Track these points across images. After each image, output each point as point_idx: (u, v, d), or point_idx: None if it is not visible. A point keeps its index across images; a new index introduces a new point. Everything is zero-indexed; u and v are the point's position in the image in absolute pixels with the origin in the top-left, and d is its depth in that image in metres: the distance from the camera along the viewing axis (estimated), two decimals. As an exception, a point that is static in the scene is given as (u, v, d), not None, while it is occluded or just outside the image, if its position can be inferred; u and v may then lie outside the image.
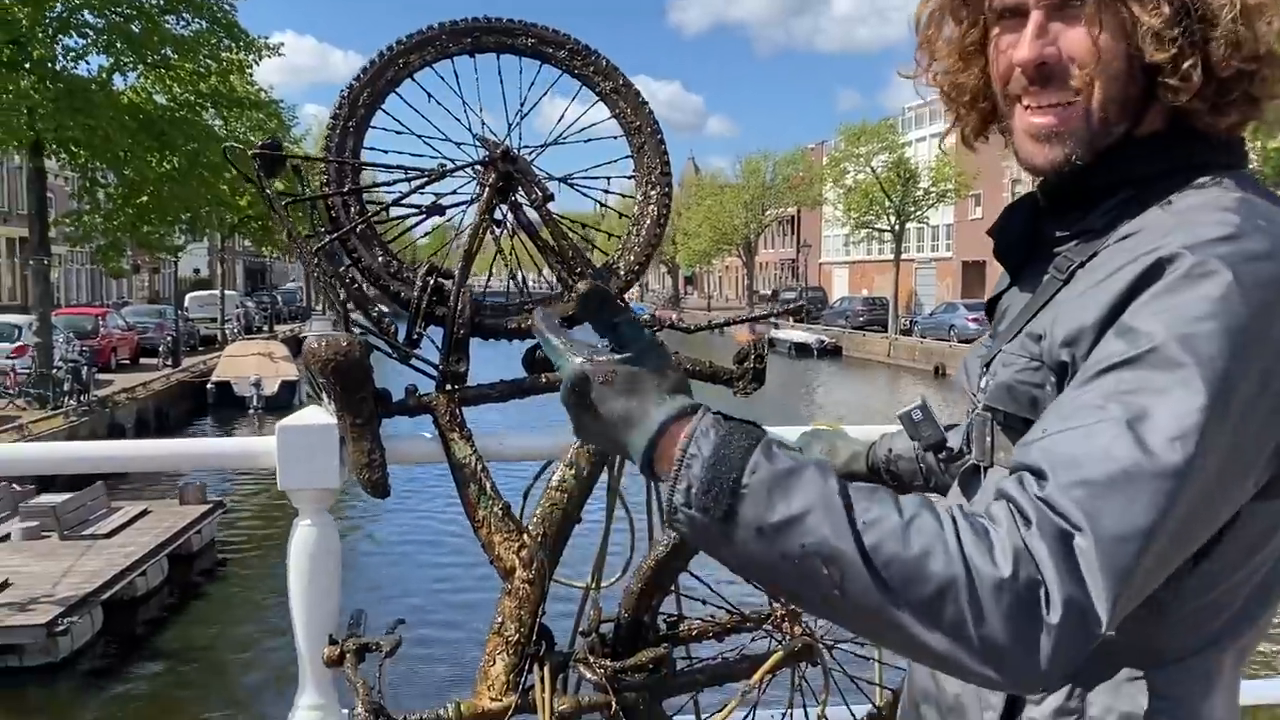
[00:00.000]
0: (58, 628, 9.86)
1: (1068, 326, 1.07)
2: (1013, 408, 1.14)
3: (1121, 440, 0.93)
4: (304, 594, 2.03)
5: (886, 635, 0.94)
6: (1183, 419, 0.93)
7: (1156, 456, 0.92)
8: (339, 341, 1.90)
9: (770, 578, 0.97)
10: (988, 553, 0.90)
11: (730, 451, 0.95)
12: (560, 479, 2.04)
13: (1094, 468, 0.93)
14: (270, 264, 75.48)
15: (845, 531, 0.91)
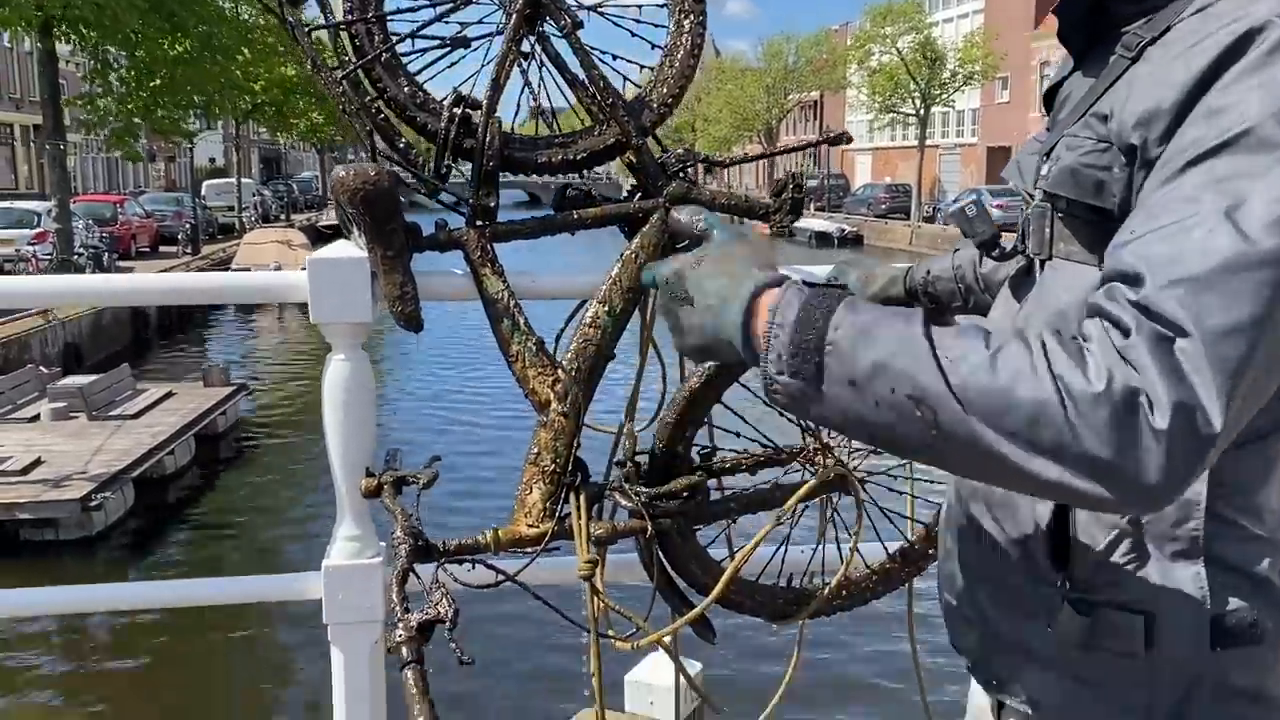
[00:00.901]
0: (91, 503, 10.10)
1: (1142, 104, 1.01)
2: (1076, 193, 1.09)
3: (1220, 231, 0.88)
4: (339, 428, 2.04)
5: (991, 469, 0.91)
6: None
7: (1259, 244, 0.87)
8: (367, 171, 1.87)
9: (870, 430, 0.96)
10: (1080, 370, 0.87)
11: (813, 314, 0.96)
12: (594, 315, 2.03)
13: (1193, 263, 0.88)
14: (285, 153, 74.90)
15: (932, 370, 0.90)
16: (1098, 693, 1.10)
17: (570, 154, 2.11)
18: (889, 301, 1.81)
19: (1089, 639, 1.10)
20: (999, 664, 1.21)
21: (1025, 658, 1.17)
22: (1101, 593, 1.10)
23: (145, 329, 21.79)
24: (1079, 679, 1.12)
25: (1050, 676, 1.14)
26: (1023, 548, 1.15)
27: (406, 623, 1.50)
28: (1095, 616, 1.09)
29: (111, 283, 1.96)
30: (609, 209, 2.09)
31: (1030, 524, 1.14)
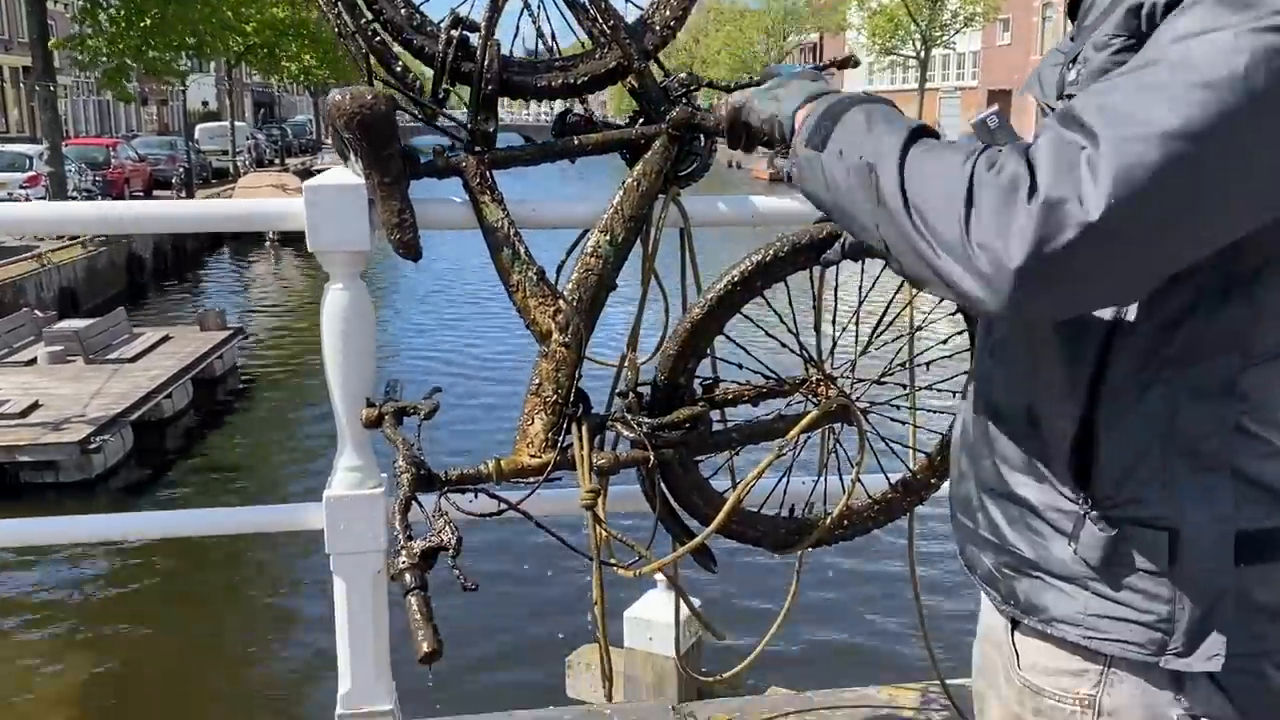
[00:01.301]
0: (90, 445, 10.13)
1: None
2: None
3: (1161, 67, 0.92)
4: (339, 357, 2.02)
5: (904, 251, 1.03)
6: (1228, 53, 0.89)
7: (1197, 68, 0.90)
8: (364, 94, 1.82)
9: (837, 200, 1.12)
10: (992, 165, 0.95)
11: (837, 105, 1.18)
12: (595, 244, 2.00)
13: (1125, 86, 0.93)
14: (279, 96, 74.03)
15: (895, 147, 1.04)
16: (1120, 610, 1.09)
17: (571, 78, 2.06)
18: None
19: (1112, 556, 1.08)
20: (1017, 584, 1.19)
21: (1045, 577, 1.15)
22: (1125, 509, 1.08)
23: (140, 273, 21.68)
24: (1101, 596, 1.10)
25: (1071, 595, 1.12)
26: (1045, 466, 1.13)
27: (409, 550, 1.49)
28: (1118, 534, 1.08)
29: (107, 210, 1.93)
30: (610, 135, 2.06)
31: (1053, 442, 1.12)
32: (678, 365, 1.95)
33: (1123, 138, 0.89)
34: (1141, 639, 1.08)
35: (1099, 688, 1.11)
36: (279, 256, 25.74)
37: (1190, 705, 1.07)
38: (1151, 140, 0.88)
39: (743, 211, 2.21)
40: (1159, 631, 1.07)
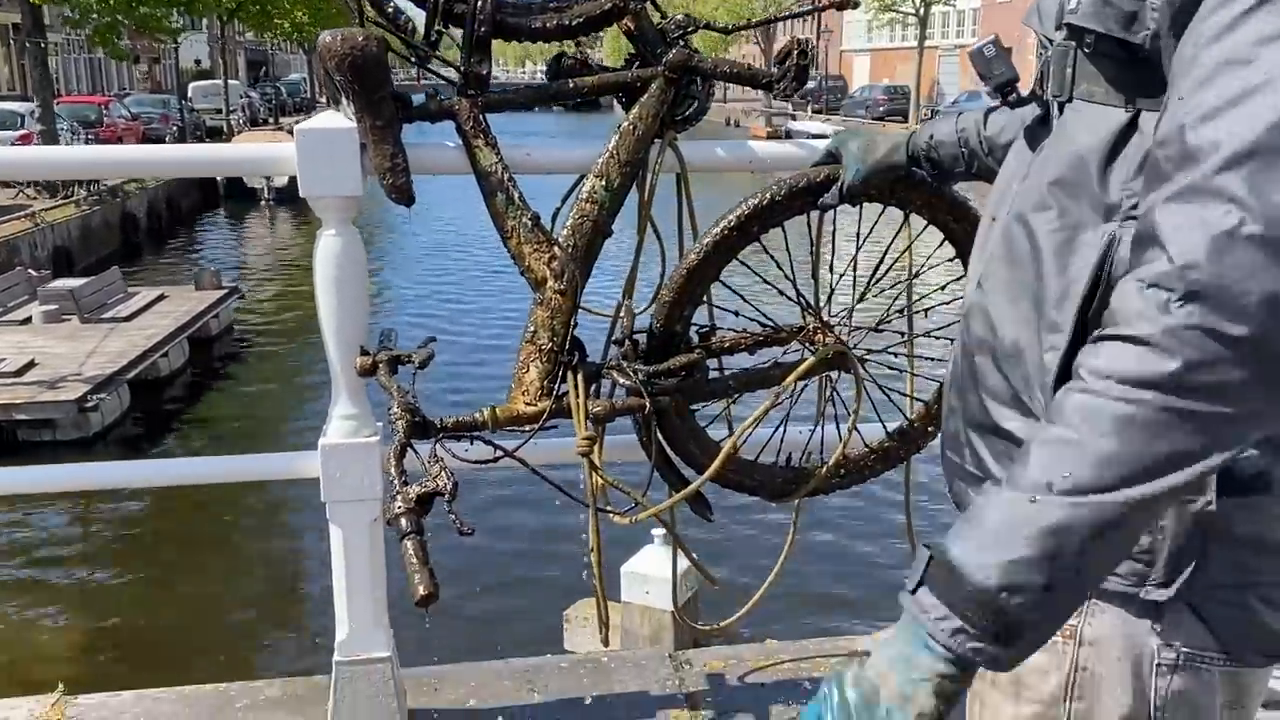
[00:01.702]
0: (88, 404, 10.11)
1: None
2: (1104, 25, 1.03)
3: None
4: (333, 305, 2.00)
5: (1175, 482, 0.87)
6: None
7: None
8: (355, 36, 1.79)
9: (1079, 582, 0.91)
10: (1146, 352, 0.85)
11: (955, 592, 0.91)
12: (590, 189, 1.97)
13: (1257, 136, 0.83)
14: (272, 55, 73.25)
15: (1053, 510, 0.87)
16: None
17: (566, 20, 2.02)
18: (891, 169, 1.76)
19: None
20: None
21: None
22: None
23: (135, 233, 21.55)
24: None
25: None
26: (1029, 399, 1.12)
27: (405, 495, 1.49)
28: None
29: (98, 154, 1.90)
30: (606, 78, 2.03)
31: (1037, 372, 1.10)
32: (674, 312, 1.93)
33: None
34: (1122, 570, 1.07)
35: (1081, 618, 1.11)
36: (274, 216, 25.60)
37: (1169, 635, 1.07)
38: None
39: (741, 156, 2.18)
40: (1140, 563, 1.07)
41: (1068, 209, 1.07)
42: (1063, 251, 1.07)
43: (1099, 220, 1.04)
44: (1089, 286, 1.04)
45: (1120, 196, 1.03)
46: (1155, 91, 1.00)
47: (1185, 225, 0.85)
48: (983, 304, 1.19)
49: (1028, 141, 1.22)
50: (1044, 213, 1.10)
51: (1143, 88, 1.02)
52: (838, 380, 2.06)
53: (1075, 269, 1.05)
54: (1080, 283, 1.05)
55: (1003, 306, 1.15)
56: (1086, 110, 1.08)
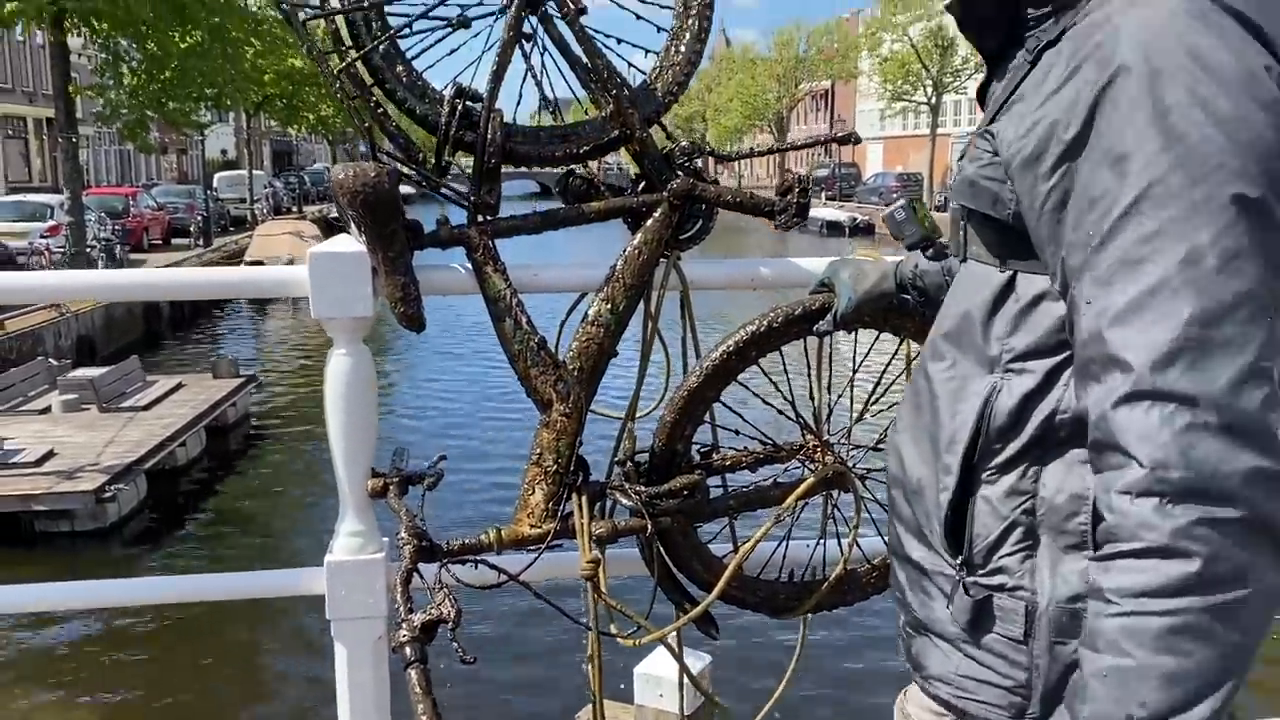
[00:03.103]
0: (105, 494, 10.16)
1: (1024, 126, 1.05)
2: (973, 203, 1.14)
3: (1181, 294, 0.91)
4: (342, 424, 2.04)
5: (1243, 672, 0.91)
6: (1227, 241, 0.90)
7: (1219, 294, 0.90)
8: (367, 172, 1.85)
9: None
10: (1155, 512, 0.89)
11: None
12: (596, 313, 2.02)
13: (1174, 335, 0.91)
14: (297, 144, 74.94)
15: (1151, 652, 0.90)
16: (985, 673, 1.16)
17: (573, 147, 2.10)
18: (882, 297, 1.81)
19: (978, 621, 1.15)
20: (913, 643, 1.27)
21: (931, 636, 1.22)
22: (991, 578, 1.14)
23: (158, 321, 21.86)
24: (970, 658, 1.17)
25: (946, 654, 1.20)
26: (929, 530, 1.20)
27: (410, 623, 1.51)
28: (985, 600, 1.14)
29: (116, 278, 1.96)
30: (613, 203, 2.08)
31: (935, 509, 1.18)
32: (675, 432, 1.96)
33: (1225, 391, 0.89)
34: (1003, 702, 1.14)
35: None
36: (296, 304, 25.90)
37: None
38: (1251, 379, 0.89)
39: (743, 275, 2.23)
40: (1019, 696, 1.13)
41: (958, 360, 1.17)
42: (954, 399, 1.17)
43: (984, 372, 1.14)
44: (972, 432, 1.13)
45: (999, 350, 1.12)
46: (1026, 255, 1.10)
47: (1145, 430, 0.90)
48: (896, 443, 1.30)
49: None
50: (939, 362, 1.20)
51: (1015, 252, 1.12)
52: (838, 497, 2.08)
53: (962, 416, 1.15)
54: (966, 429, 1.14)
55: (909, 447, 1.25)
56: (975, 270, 1.19)
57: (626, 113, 2.05)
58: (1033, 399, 1.09)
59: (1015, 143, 1.05)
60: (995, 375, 1.12)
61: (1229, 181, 0.90)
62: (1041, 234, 1.04)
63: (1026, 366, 1.10)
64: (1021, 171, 1.05)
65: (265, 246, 28.16)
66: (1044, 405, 1.09)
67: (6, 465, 10.42)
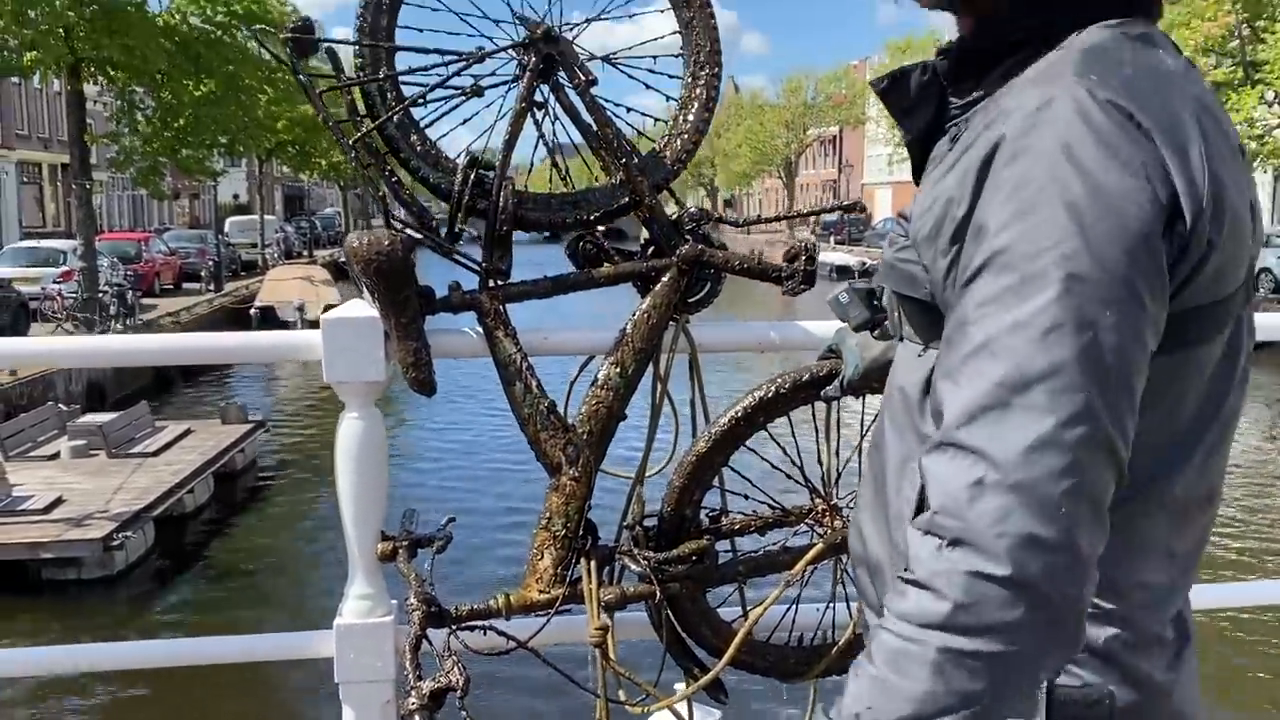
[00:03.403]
0: (113, 542, 10.15)
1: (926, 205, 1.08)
2: (895, 285, 1.17)
3: (987, 363, 0.94)
4: (352, 487, 2.05)
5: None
6: (1047, 316, 0.92)
7: (1025, 368, 0.92)
8: (381, 240, 1.88)
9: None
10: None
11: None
12: (605, 377, 2.03)
13: (982, 394, 0.94)
14: (308, 189, 75.65)
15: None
16: None
17: (584, 214, 2.13)
18: (888, 364, 1.82)
19: None
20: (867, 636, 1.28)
21: None
22: None
23: (167, 366, 21.97)
24: None
25: None
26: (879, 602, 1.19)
27: (419, 691, 1.52)
28: None
29: (127, 343, 1.99)
30: (623, 268, 2.11)
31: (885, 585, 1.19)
32: (684, 497, 1.97)
33: (1016, 459, 0.91)
34: None
35: None
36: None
37: None
38: (1047, 448, 0.91)
39: (751, 337, 2.25)
40: None
41: (901, 438, 1.18)
42: (898, 476, 1.17)
43: (920, 449, 1.12)
44: (915, 509, 1.10)
45: (932, 429, 1.10)
46: None
47: (942, 476, 0.94)
48: (857, 521, 1.30)
49: None
50: (886, 439, 1.21)
51: (938, 332, 1.10)
52: (847, 561, 2.07)
53: (905, 493, 1.14)
54: (909, 505, 1.11)
55: (869, 525, 1.26)
56: (905, 349, 1.21)
57: (636, 180, 2.08)
58: None
59: (917, 220, 1.09)
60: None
61: (1065, 259, 0.92)
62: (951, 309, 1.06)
63: None
64: (924, 248, 1.08)
65: (275, 291, 28.35)
66: None
67: (15, 512, 10.43)
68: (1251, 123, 25.46)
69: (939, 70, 1.19)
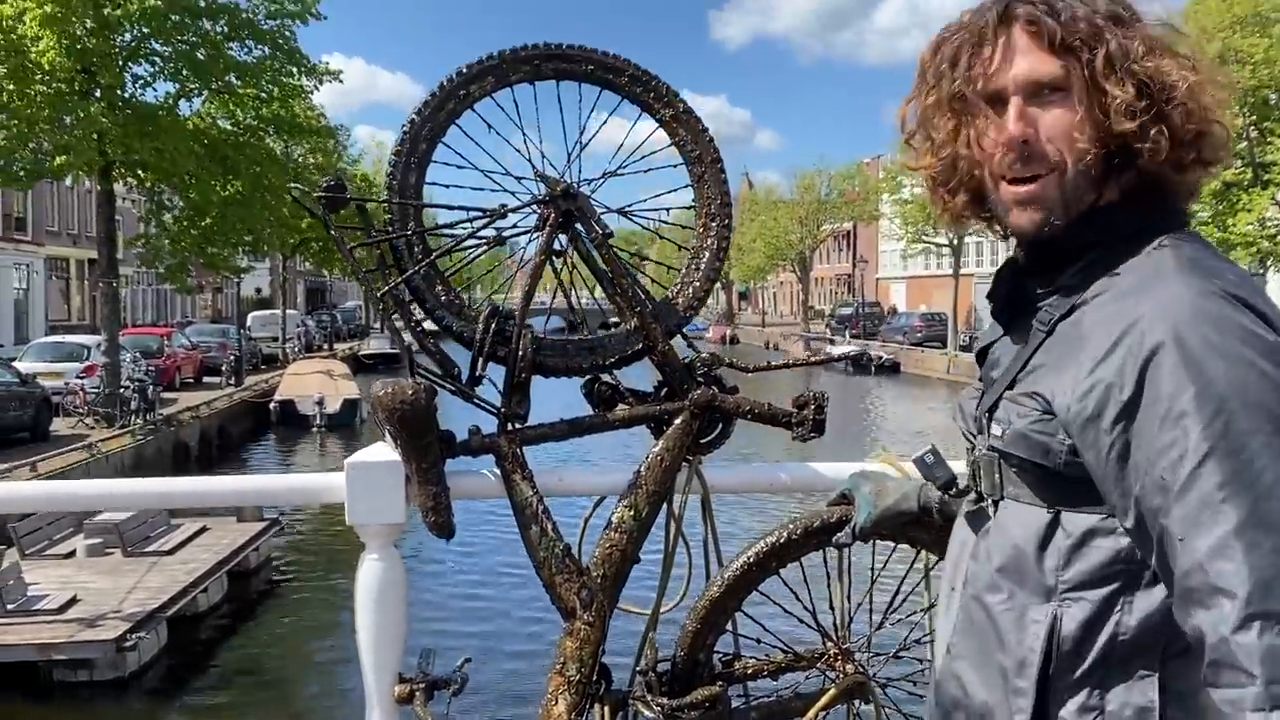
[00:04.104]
0: (126, 643, 10.09)
1: (1078, 389, 1.21)
2: (1027, 453, 1.28)
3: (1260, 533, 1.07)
4: (371, 628, 2.09)
5: None
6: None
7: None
8: (404, 390, 1.95)
9: None
10: None
11: None
12: (619, 520, 2.08)
13: (1266, 564, 1.06)
14: (330, 283, 76.69)
15: None
16: None
17: (599, 359, 2.20)
18: (901, 515, 1.86)
19: None
20: None
21: None
22: None
23: (186, 460, 22.08)
24: None
25: None
26: None
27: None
28: None
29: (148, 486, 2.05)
30: (637, 412, 2.17)
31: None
32: (697, 642, 2.00)
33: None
34: None
35: None
36: (324, 443, 26.08)
37: None
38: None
39: (763, 480, 2.30)
40: None
41: (1014, 591, 1.28)
42: (1016, 626, 1.27)
43: (1041, 600, 1.25)
44: (1043, 657, 1.24)
45: (1054, 580, 1.25)
46: (1071, 496, 1.25)
47: (1261, 652, 1.04)
48: (954, 669, 1.37)
49: (969, 523, 1.43)
50: (995, 594, 1.31)
51: (1060, 496, 1.26)
52: (859, 705, 2.09)
53: (1029, 642, 1.26)
54: (1035, 653, 1.24)
55: (970, 673, 1.33)
56: (1016, 509, 1.31)
57: (650, 327, 2.16)
58: (1093, 625, 1.22)
59: (1075, 405, 1.21)
60: (1053, 604, 1.24)
61: (1272, 422, 1.08)
62: (1108, 480, 1.19)
63: (1083, 595, 1.23)
64: (1084, 428, 1.20)
65: (295, 385, 28.57)
66: (1105, 630, 1.22)
67: (30, 612, 10.41)
68: (1263, 223, 25.67)
69: (1020, 263, 1.38)
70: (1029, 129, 1.27)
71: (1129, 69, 1.24)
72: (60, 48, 17.83)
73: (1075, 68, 1.25)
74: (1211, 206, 26.25)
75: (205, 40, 20.69)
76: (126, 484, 1.88)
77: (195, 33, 20.64)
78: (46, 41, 17.75)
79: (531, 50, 2.20)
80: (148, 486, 2.15)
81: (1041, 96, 1.27)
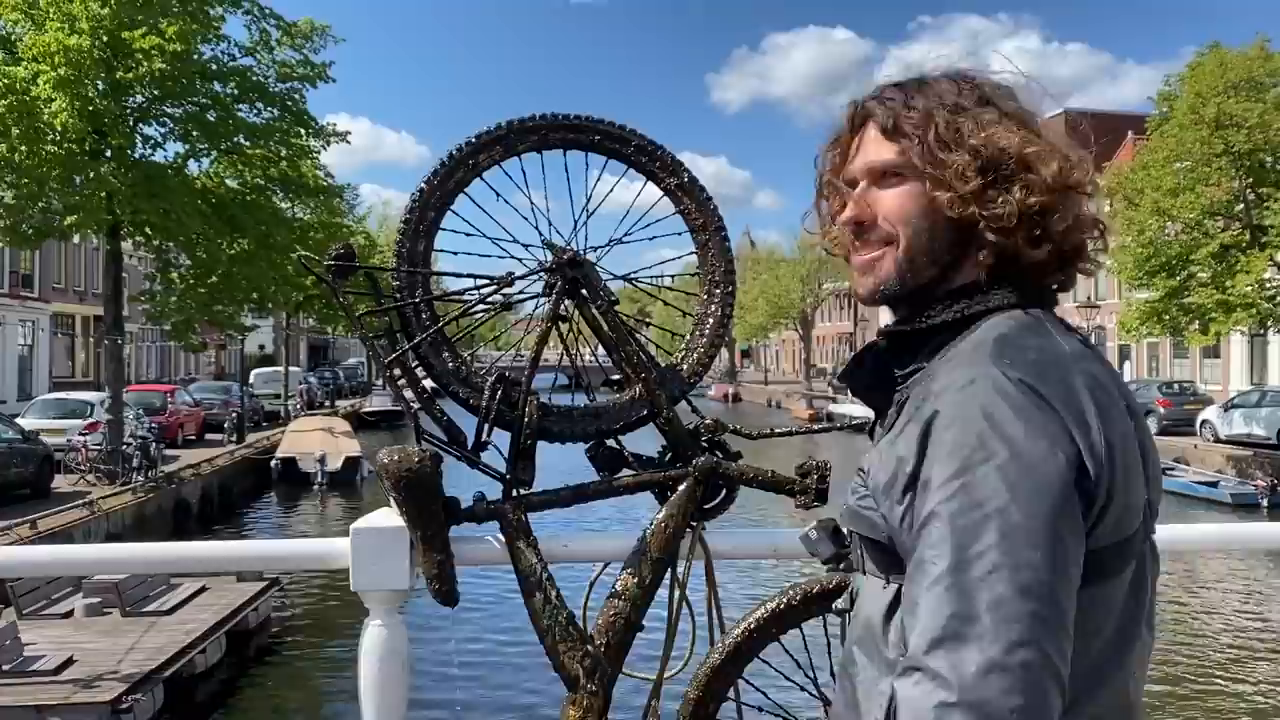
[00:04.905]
0: (122, 705, 9.96)
1: (881, 462, 1.27)
2: (858, 528, 1.35)
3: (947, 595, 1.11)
4: (374, 694, 2.09)
5: None
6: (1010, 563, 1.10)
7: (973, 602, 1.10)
8: (410, 457, 1.98)
9: None
10: None
11: None
12: (623, 587, 2.09)
13: (940, 625, 1.10)
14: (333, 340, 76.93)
15: None
16: None
17: (604, 424, 2.23)
18: None
19: None
20: None
21: None
22: None
23: (187, 518, 21.99)
24: None
25: None
26: None
27: None
28: None
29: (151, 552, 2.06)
30: (641, 477, 2.19)
31: None
32: (698, 710, 2.00)
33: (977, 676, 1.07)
34: None
35: None
36: (325, 501, 25.98)
37: None
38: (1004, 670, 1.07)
39: (764, 546, 2.31)
40: None
41: (866, 664, 1.32)
42: (866, 700, 1.30)
43: (885, 674, 1.27)
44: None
45: (895, 655, 1.27)
46: (904, 570, 1.26)
47: (912, 697, 1.09)
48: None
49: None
50: (853, 667, 1.35)
51: (896, 567, 1.29)
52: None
53: (875, 714, 1.26)
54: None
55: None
56: (868, 582, 1.36)
57: (655, 393, 2.19)
58: None
59: (874, 474, 1.29)
60: (890, 677, 1.24)
61: (999, 513, 1.11)
62: (907, 550, 1.23)
63: None
64: (881, 498, 1.27)
65: (297, 443, 28.53)
66: None
67: (25, 673, 10.31)
68: (1262, 285, 25.78)
69: (881, 350, 1.44)
70: (864, 210, 1.39)
71: (960, 141, 1.32)
72: (72, 110, 18.08)
73: (911, 149, 1.34)
74: (1210, 268, 26.42)
75: (216, 102, 21.01)
76: (129, 549, 1.89)
77: (206, 95, 20.97)
78: (59, 104, 18.01)
79: (539, 120, 2.25)
80: (151, 552, 2.16)
81: (884, 179, 1.38)
